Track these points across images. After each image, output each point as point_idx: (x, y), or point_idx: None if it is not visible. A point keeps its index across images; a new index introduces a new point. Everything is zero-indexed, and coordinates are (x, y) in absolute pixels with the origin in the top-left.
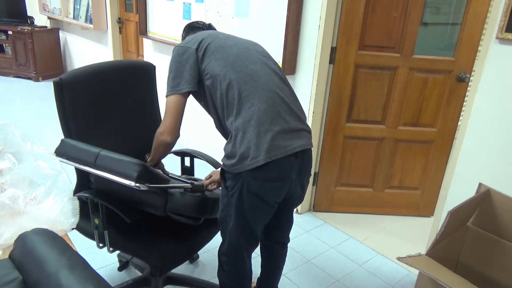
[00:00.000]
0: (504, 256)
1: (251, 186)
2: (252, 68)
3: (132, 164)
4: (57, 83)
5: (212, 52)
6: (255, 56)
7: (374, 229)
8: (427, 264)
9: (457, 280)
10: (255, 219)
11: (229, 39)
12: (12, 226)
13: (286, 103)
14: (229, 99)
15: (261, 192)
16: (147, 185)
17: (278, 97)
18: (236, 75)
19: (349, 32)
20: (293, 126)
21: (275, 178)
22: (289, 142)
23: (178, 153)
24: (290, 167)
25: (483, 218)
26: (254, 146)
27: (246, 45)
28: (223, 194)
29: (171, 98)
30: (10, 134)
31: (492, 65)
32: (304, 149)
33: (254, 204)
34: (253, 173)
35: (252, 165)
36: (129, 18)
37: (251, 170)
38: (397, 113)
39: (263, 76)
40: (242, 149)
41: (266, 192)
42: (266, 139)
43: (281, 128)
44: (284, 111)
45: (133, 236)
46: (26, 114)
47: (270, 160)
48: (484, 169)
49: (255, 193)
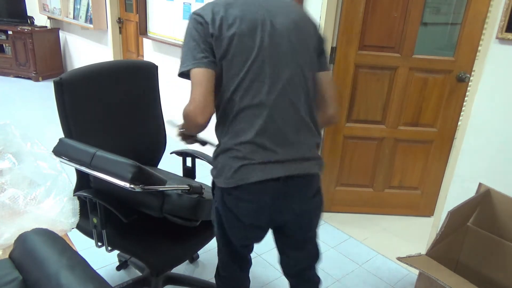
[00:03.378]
0: (504, 256)
1: (227, 201)
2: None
3: (126, 165)
4: (57, 83)
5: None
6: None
7: (374, 229)
8: (427, 264)
9: (457, 280)
10: (233, 234)
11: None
12: (12, 226)
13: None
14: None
15: (235, 210)
16: (142, 187)
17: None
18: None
19: (349, 32)
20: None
21: (248, 199)
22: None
23: (180, 154)
24: (264, 191)
25: (483, 218)
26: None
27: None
28: (212, 205)
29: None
30: (10, 134)
31: (492, 65)
32: (290, 175)
33: (229, 220)
34: (227, 190)
35: (226, 184)
36: (129, 18)
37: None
38: (397, 113)
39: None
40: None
41: (240, 211)
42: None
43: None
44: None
45: (131, 236)
46: (26, 114)
47: (242, 183)
48: (484, 169)
49: (231, 209)
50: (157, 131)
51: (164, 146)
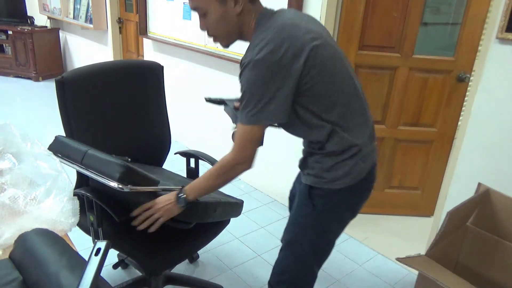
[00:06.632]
0: (503, 256)
1: (354, 194)
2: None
3: (115, 164)
4: (59, 81)
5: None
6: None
7: (374, 229)
8: (426, 264)
9: (456, 280)
10: (339, 233)
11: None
12: (12, 226)
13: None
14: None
15: (360, 199)
16: (130, 187)
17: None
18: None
19: (349, 32)
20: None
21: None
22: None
23: (184, 154)
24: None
25: (483, 218)
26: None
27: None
28: (304, 213)
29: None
30: (10, 134)
31: (492, 65)
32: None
33: (346, 218)
34: (355, 184)
35: (353, 180)
36: (129, 18)
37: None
38: (397, 113)
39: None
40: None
41: (364, 199)
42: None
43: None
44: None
45: (127, 236)
46: (26, 114)
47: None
48: (484, 169)
49: (356, 203)
50: (162, 131)
51: (169, 147)
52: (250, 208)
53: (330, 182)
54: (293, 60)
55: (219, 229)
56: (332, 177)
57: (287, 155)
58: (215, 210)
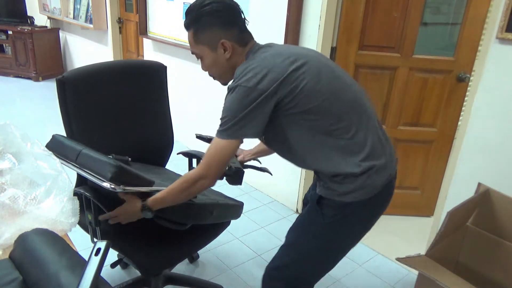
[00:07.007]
0: (503, 256)
1: (362, 214)
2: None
3: (107, 164)
4: (60, 81)
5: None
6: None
7: (374, 229)
8: (426, 264)
9: (456, 280)
10: (343, 254)
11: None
12: (12, 226)
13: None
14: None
15: (378, 211)
16: (123, 187)
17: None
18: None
19: (349, 32)
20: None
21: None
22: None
23: (186, 155)
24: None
25: (483, 218)
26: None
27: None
28: (312, 221)
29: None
30: (10, 134)
31: (492, 65)
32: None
33: (362, 230)
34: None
35: (373, 192)
36: (129, 18)
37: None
38: (397, 113)
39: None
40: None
41: (382, 210)
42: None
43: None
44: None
45: (124, 235)
46: (26, 114)
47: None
48: (484, 169)
49: (372, 216)
50: (165, 131)
51: (171, 147)
52: (250, 208)
53: (342, 195)
54: (269, 84)
55: (219, 230)
56: (344, 191)
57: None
58: (212, 212)
